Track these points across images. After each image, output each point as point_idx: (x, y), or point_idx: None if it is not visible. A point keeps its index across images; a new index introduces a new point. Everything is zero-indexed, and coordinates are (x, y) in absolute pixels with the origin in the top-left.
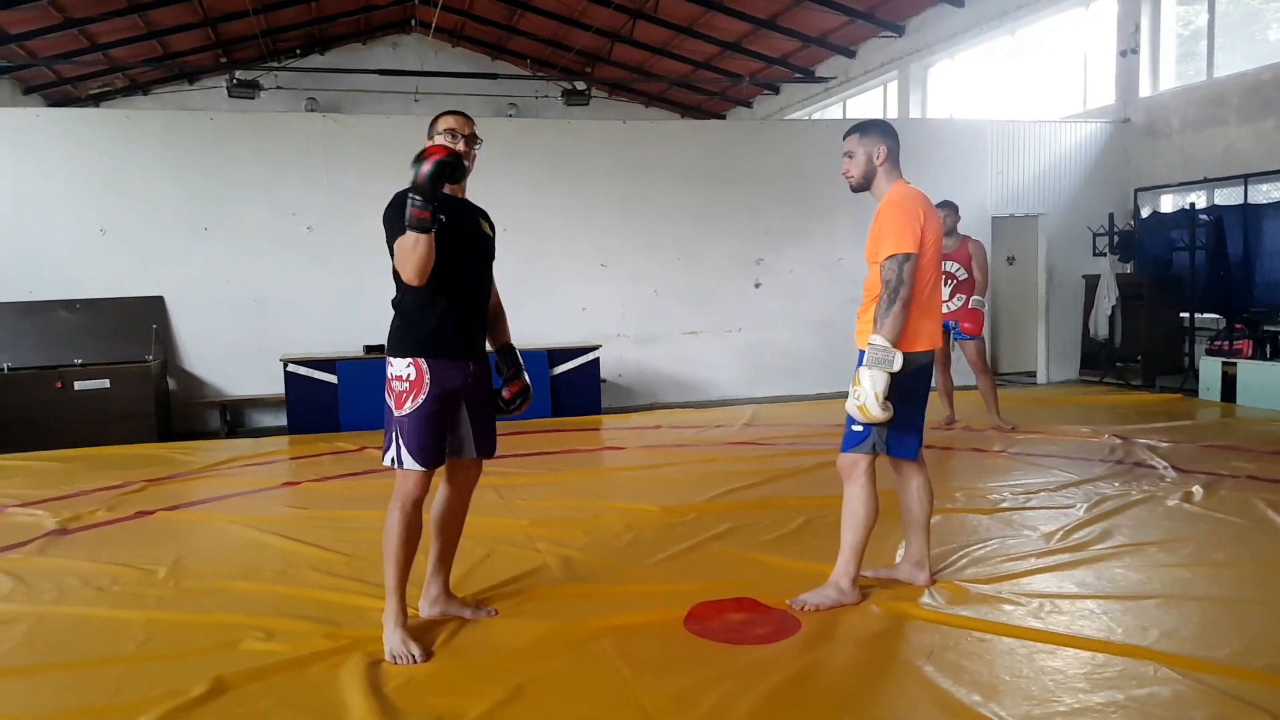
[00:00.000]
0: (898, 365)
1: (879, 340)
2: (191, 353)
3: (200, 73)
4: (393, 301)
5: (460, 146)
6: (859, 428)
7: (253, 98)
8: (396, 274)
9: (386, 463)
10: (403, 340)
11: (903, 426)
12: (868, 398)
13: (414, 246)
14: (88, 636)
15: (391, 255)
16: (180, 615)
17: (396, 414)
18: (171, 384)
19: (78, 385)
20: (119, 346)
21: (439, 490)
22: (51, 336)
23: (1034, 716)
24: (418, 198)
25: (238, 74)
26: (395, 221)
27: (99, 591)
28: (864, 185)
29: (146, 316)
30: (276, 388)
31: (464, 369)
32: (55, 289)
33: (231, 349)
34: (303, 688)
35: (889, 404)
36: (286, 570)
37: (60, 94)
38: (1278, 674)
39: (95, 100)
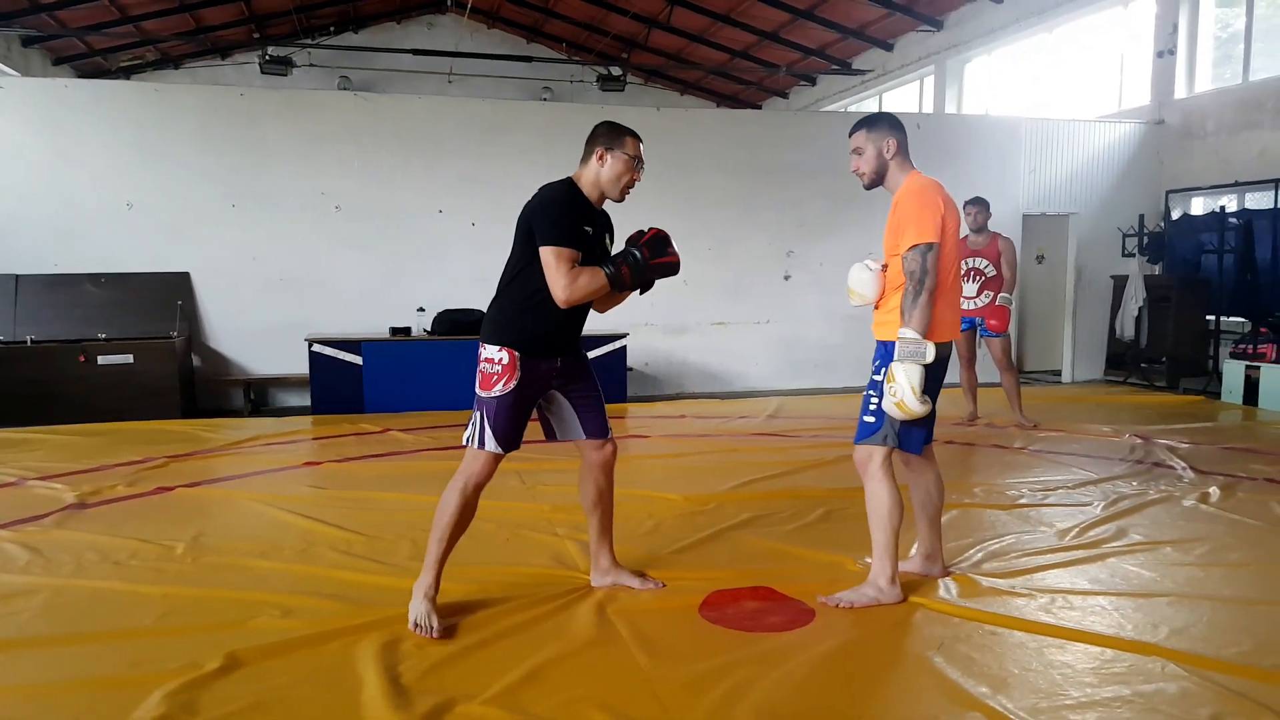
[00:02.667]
0: (930, 356)
1: (909, 333)
2: (217, 330)
3: (233, 48)
4: (501, 288)
5: (640, 175)
6: (871, 418)
7: (285, 74)
8: (515, 266)
9: (466, 442)
10: (501, 330)
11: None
12: (905, 393)
13: (596, 288)
14: (105, 610)
15: (521, 243)
16: (198, 591)
17: (484, 395)
18: (196, 361)
19: (101, 360)
20: (144, 322)
21: (581, 473)
22: (77, 310)
23: (1041, 709)
24: (639, 268)
25: (270, 50)
26: (554, 227)
27: (117, 565)
28: (877, 181)
29: (172, 292)
30: (301, 367)
31: (553, 364)
32: (81, 263)
33: (257, 327)
34: (318, 665)
35: (927, 397)
36: (306, 549)
37: (91, 65)
38: None
39: (126, 73)
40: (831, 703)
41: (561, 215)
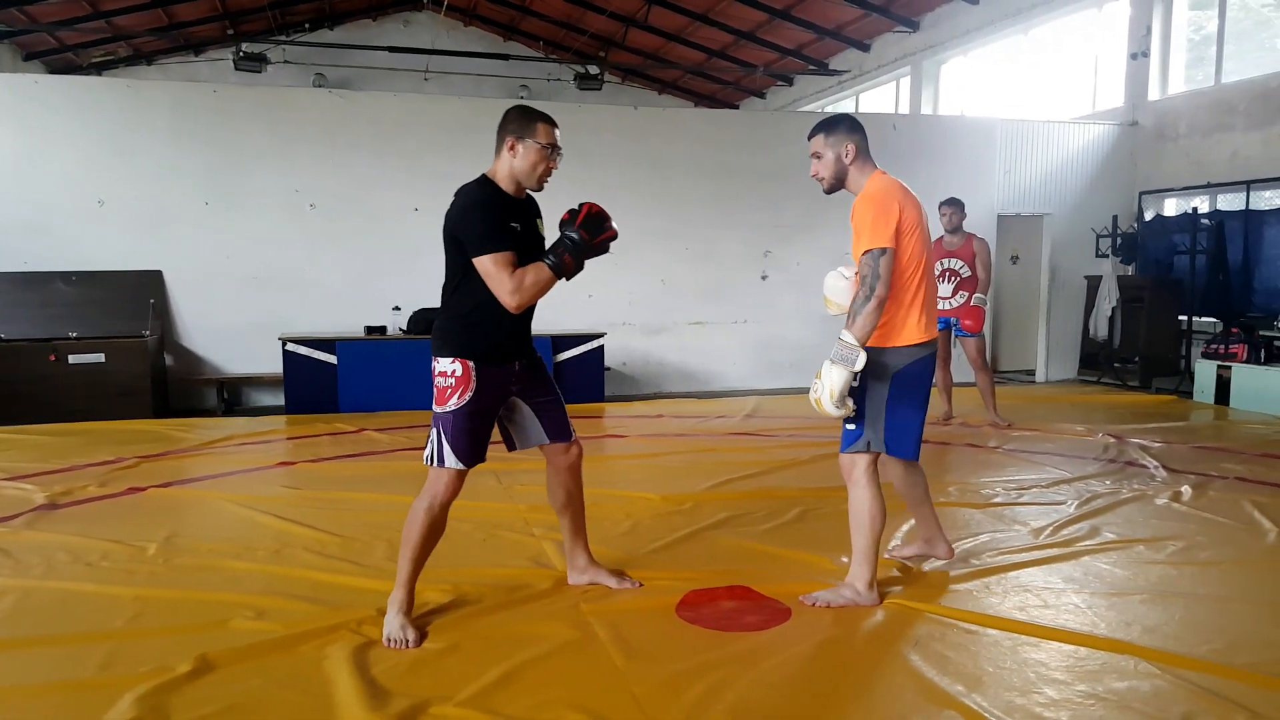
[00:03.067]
0: (860, 365)
1: (848, 337)
2: (190, 329)
3: (206, 44)
4: (444, 300)
5: (557, 163)
6: (852, 426)
7: (259, 71)
8: (454, 278)
9: (425, 460)
10: (451, 342)
11: (902, 425)
12: (824, 393)
13: (544, 284)
14: (75, 611)
15: (453, 254)
16: (170, 592)
17: (441, 410)
18: (168, 360)
19: (72, 359)
20: (116, 321)
21: (548, 476)
22: (47, 309)
23: (1016, 706)
24: (581, 251)
25: (245, 46)
26: (481, 234)
27: (88, 567)
28: (836, 185)
29: (145, 291)
30: (275, 367)
31: (510, 370)
32: (52, 260)
33: (230, 326)
34: (292, 667)
35: (847, 401)
36: (279, 550)
37: (62, 61)
38: (1257, 671)
39: (98, 69)
40: (808, 702)
41: (485, 219)
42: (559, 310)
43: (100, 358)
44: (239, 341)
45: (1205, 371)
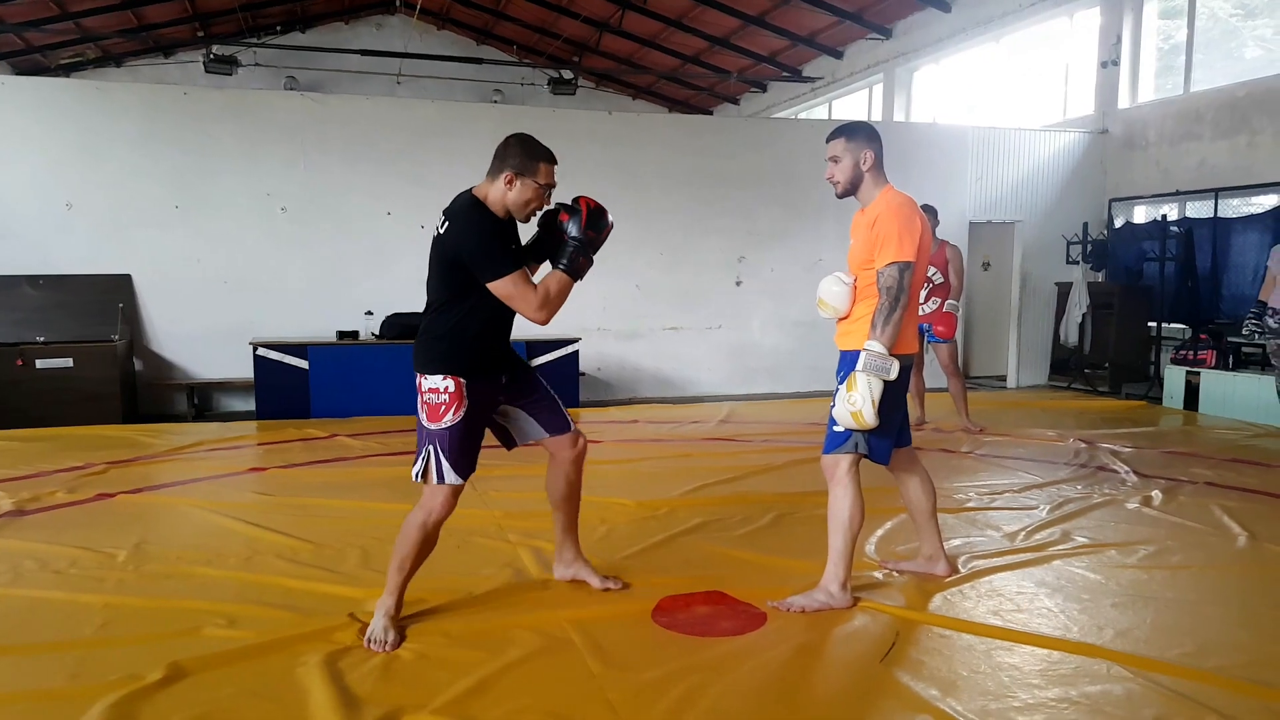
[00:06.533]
0: (894, 373)
1: (877, 347)
2: (159, 333)
3: (176, 46)
4: (426, 317)
5: (549, 201)
6: (840, 429)
7: (230, 74)
8: (440, 294)
9: (416, 478)
10: (439, 359)
11: (884, 431)
12: (864, 404)
13: (565, 292)
14: (44, 620)
15: (448, 274)
16: (140, 600)
17: (433, 427)
18: (138, 365)
19: (40, 364)
20: (84, 325)
21: (549, 470)
22: (14, 313)
23: (990, 711)
24: (591, 250)
25: (215, 49)
26: (493, 259)
27: (56, 574)
28: (850, 191)
29: (113, 295)
30: (246, 372)
31: (496, 381)
32: (19, 264)
33: (201, 330)
34: (264, 675)
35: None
36: (251, 557)
37: (29, 63)
38: (1227, 675)
39: (66, 70)
40: (782, 708)
41: (492, 243)
42: None
43: (69, 362)
44: (209, 346)
45: (1174, 377)
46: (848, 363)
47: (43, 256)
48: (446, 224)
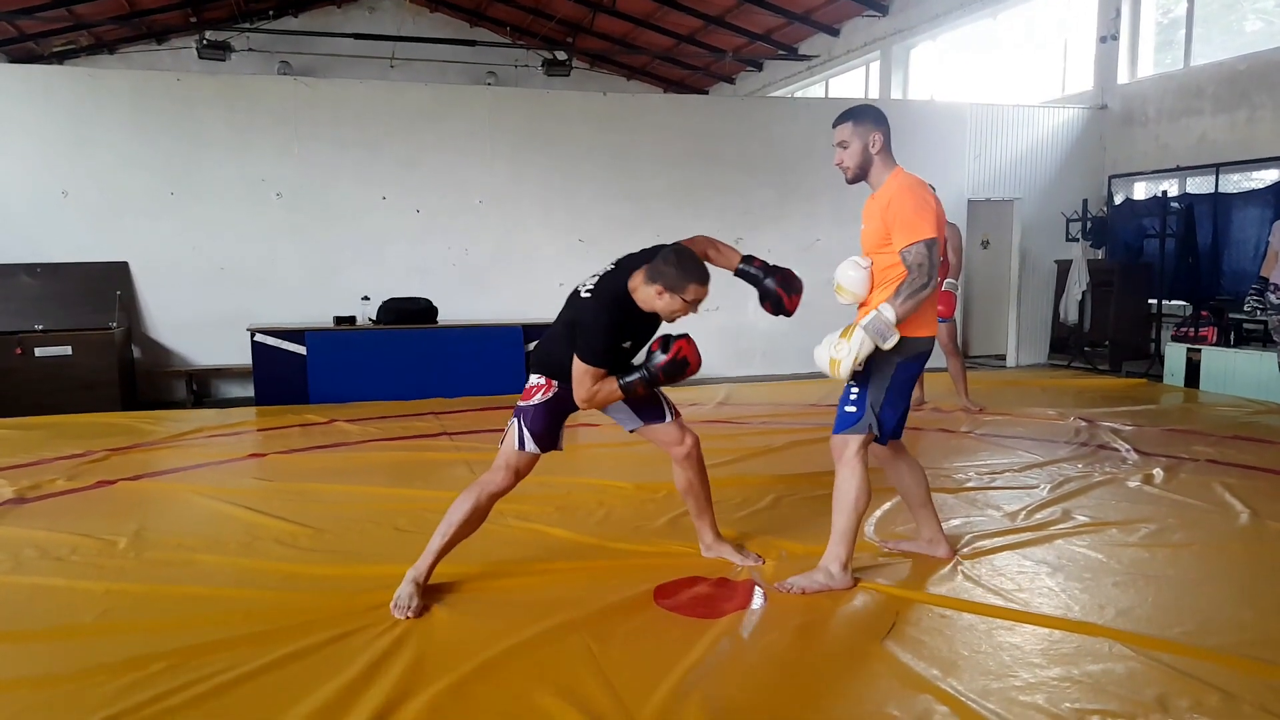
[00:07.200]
0: (891, 344)
1: (890, 313)
2: (157, 320)
3: (169, 32)
4: (556, 329)
5: (696, 310)
6: (852, 408)
7: (223, 59)
8: (561, 328)
9: (502, 444)
10: (546, 366)
11: (890, 412)
12: (847, 358)
13: (612, 400)
14: (44, 607)
15: (569, 321)
16: (141, 586)
17: (524, 404)
18: (136, 352)
19: (38, 352)
20: (82, 313)
21: (672, 463)
22: (11, 302)
23: (991, 691)
24: (650, 387)
25: (208, 34)
26: (592, 350)
27: (57, 562)
28: (860, 176)
29: (110, 282)
30: (244, 358)
31: None
32: (15, 253)
33: (198, 317)
34: (264, 660)
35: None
36: (251, 542)
37: (22, 50)
38: (1229, 652)
39: (59, 58)
40: (783, 687)
41: (602, 340)
42: (529, 299)
43: (67, 350)
44: (207, 332)
45: (1175, 354)
46: None
47: (39, 245)
48: (590, 295)
